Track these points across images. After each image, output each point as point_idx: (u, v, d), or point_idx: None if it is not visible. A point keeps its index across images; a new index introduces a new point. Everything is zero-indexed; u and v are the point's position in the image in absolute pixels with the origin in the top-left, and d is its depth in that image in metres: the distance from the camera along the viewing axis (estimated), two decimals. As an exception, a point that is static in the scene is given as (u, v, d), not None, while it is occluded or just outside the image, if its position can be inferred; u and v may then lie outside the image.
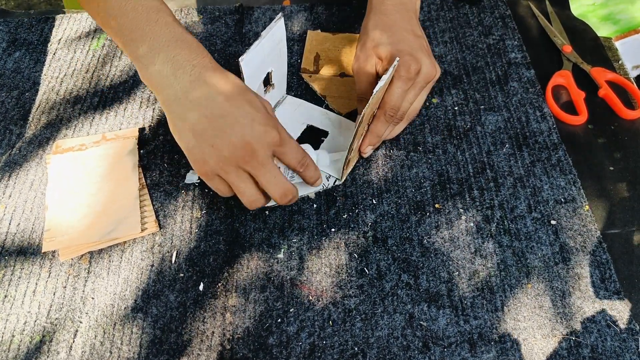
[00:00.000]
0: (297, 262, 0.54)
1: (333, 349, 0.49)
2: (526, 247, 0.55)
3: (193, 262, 0.54)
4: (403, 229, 0.56)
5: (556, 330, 0.50)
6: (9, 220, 0.57)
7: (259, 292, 0.52)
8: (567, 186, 0.59)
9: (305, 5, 0.77)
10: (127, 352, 0.49)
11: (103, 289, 0.53)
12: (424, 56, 0.56)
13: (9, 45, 0.73)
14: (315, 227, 0.56)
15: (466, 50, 0.71)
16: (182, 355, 0.49)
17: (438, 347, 0.49)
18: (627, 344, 0.49)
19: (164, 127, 0.64)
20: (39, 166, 0.61)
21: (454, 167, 0.61)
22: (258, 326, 0.51)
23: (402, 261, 0.54)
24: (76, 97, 0.67)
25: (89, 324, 0.51)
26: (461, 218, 0.57)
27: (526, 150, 0.62)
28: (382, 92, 0.54)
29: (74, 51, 0.72)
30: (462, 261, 0.54)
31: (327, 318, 0.51)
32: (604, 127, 0.64)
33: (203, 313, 0.51)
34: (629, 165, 0.61)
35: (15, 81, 0.69)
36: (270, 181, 0.50)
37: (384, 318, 0.51)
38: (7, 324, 0.51)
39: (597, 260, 0.54)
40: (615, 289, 0.52)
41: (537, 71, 0.69)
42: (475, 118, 0.65)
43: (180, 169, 0.61)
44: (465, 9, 0.76)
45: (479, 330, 0.50)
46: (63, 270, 0.54)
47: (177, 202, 0.58)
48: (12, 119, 0.65)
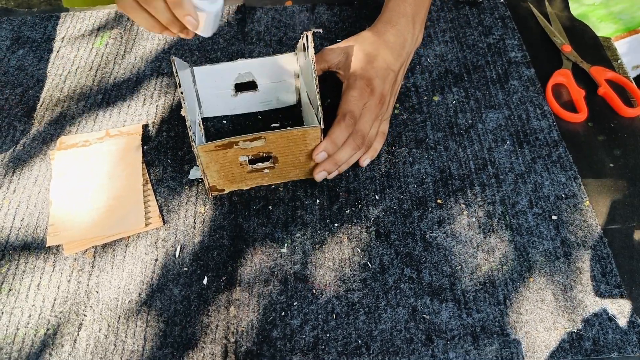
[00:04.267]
0: (300, 257, 0.54)
1: (336, 342, 0.50)
2: (528, 241, 0.55)
3: (197, 257, 0.55)
4: (405, 224, 0.57)
5: (558, 323, 0.50)
6: (13, 215, 0.57)
7: (262, 285, 0.53)
8: (567, 182, 0.59)
9: (307, 5, 0.78)
10: (131, 345, 0.49)
11: (107, 283, 0.53)
12: (380, 84, 0.59)
13: (13, 43, 0.73)
14: (319, 222, 0.57)
15: (467, 50, 0.72)
16: (187, 349, 0.49)
17: (441, 340, 0.50)
18: (628, 337, 0.50)
19: (168, 124, 0.64)
20: (43, 162, 0.61)
21: (456, 163, 0.61)
22: (262, 319, 0.51)
23: (404, 255, 0.54)
24: (80, 95, 0.68)
25: (94, 318, 0.51)
26: (463, 213, 0.57)
27: (527, 147, 0.62)
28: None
29: (77, 49, 0.72)
30: (465, 255, 0.54)
31: (331, 311, 0.51)
32: (604, 125, 0.65)
33: (207, 307, 0.52)
34: (629, 162, 0.61)
35: (19, 78, 0.69)
36: None
37: (387, 311, 0.51)
38: (12, 317, 0.51)
39: (598, 255, 0.54)
40: (616, 283, 0.53)
41: (537, 70, 0.70)
42: (477, 115, 0.65)
43: (184, 164, 0.61)
44: (466, 10, 0.77)
45: (482, 323, 0.50)
46: (67, 264, 0.54)
47: (181, 198, 0.58)
48: (16, 115, 0.66)
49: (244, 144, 0.53)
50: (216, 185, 0.57)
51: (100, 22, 0.75)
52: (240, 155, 0.54)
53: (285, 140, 0.54)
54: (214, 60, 0.70)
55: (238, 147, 0.53)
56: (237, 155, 0.54)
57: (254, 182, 0.59)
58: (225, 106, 0.65)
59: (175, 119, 0.65)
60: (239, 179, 0.58)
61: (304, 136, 0.54)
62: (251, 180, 0.58)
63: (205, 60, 0.70)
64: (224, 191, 0.59)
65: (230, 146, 0.53)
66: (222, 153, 0.53)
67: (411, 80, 0.69)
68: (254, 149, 0.54)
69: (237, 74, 0.62)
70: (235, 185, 0.58)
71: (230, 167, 0.56)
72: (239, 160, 0.55)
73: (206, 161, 0.54)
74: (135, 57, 0.71)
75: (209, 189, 0.58)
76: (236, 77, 0.62)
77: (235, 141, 0.53)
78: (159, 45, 0.72)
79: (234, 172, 0.56)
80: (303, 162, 0.57)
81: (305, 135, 0.54)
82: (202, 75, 0.60)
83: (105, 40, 0.73)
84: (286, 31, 0.74)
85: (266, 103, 0.66)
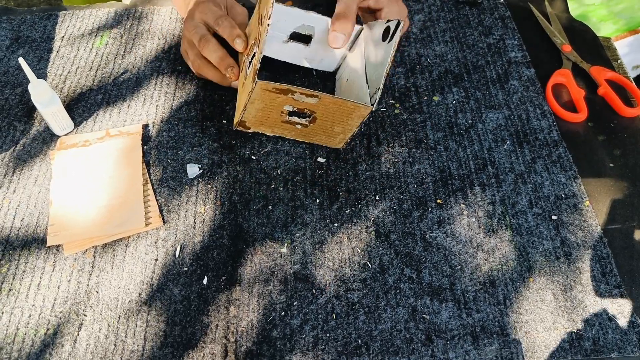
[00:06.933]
0: (300, 256, 0.54)
1: (336, 342, 0.50)
2: (527, 241, 0.55)
3: (197, 256, 0.55)
4: (405, 224, 0.57)
5: (558, 323, 0.50)
6: (13, 215, 0.57)
7: (262, 285, 0.53)
8: (567, 182, 0.59)
9: (307, 5, 0.78)
10: (131, 345, 0.49)
11: (107, 283, 0.53)
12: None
13: (12, 42, 0.73)
14: (318, 221, 0.57)
15: (467, 50, 0.72)
16: (187, 349, 0.49)
17: (441, 340, 0.50)
18: (628, 337, 0.50)
19: (167, 124, 0.64)
20: (43, 162, 0.61)
21: (456, 163, 0.61)
22: (262, 319, 0.51)
23: (404, 255, 0.54)
24: (80, 95, 0.67)
25: (94, 317, 0.51)
26: (463, 213, 0.57)
27: (527, 147, 0.62)
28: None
29: (77, 49, 0.72)
30: (464, 255, 0.54)
31: (331, 311, 0.51)
32: (604, 125, 0.65)
33: (207, 306, 0.52)
34: (629, 162, 0.61)
35: (19, 78, 0.69)
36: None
37: (387, 311, 0.51)
38: (12, 317, 0.51)
39: (598, 255, 0.54)
40: (616, 283, 0.53)
41: (537, 70, 0.70)
42: (477, 115, 0.65)
43: (183, 164, 0.61)
44: (465, 10, 0.77)
45: (482, 323, 0.50)
46: (67, 264, 0.54)
47: (181, 197, 0.58)
48: (16, 115, 0.66)
49: (299, 97, 0.53)
50: (246, 121, 0.58)
51: (100, 21, 0.75)
52: (287, 105, 0.55)
53: (335, 107, 0.54)
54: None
55: (292, 96, 0.53)
56: (285, 103, 0.55)
57: (280, 132, 0.60)
58: (271, 49, 0.65)
59: (175, 118, 0.65)
60: (270, 123, 0.58)
61: (353, 110, 0.55)
62: (279, 128, 0.59)
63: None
64: (249, 129, 0.59)
65: (285, 92, 0.53)
66: (274, 96, 0.54)
67: (411, 80, 0.69)
68: (303, 103, 0.54)
69: (300, 23, 0.62)
70: (263, 128, 0.59)
71: (271, 110, 0.56)
72: (282, 108, 0.55)
73: (254, 97, 0.54)
74: (135, 57, 0.71)
75: (238, 122, 0.58)
76: (298, 26, 0.62)
77: (293, 90, 0.53)
78: (159, 45, 0.72)
79: (270, 116, 0.57)
80: (336, 132, 0.58)
81: (355, 110, 0.55)
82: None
83: (105, 40, 0.73)
84: (286, 31, 0.74)
85: (309, 60, 0.66)
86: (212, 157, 0.62)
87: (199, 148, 0.62)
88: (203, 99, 0.67)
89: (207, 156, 0.62)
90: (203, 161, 0.61)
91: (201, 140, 0.63)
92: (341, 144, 0.61)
